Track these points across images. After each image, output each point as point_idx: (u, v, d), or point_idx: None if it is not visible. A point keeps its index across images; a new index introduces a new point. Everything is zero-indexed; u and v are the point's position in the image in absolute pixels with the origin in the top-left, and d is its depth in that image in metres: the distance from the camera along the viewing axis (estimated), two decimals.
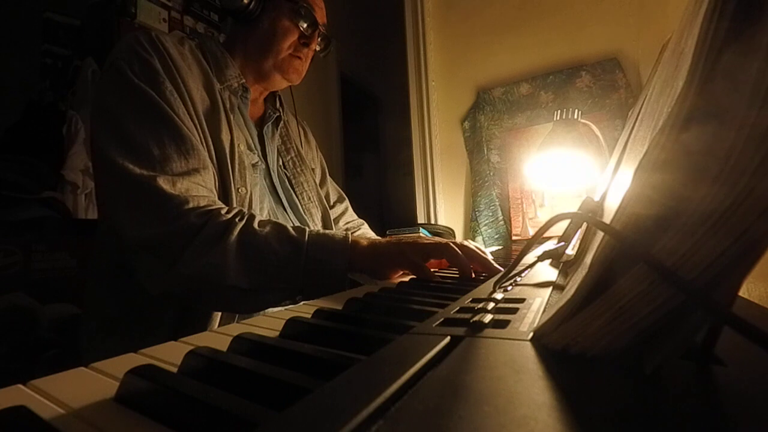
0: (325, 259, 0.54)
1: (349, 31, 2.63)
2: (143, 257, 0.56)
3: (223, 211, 0.56)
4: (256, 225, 0.56)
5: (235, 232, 0.54)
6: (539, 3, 1.54)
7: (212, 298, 0.56)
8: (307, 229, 0.57)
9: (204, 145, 0.62)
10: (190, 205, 0.55)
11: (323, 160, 1.01)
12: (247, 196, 0.67)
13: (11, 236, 1.11)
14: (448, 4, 1.74)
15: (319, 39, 0.79)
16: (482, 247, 0.65)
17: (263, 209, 0.72)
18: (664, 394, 0.14)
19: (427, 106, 1.75)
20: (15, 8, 1.57)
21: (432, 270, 0.54)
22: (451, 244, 0.55)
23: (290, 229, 0.56)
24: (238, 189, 0.65)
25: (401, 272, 0.58)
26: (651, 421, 0.12)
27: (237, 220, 0.55)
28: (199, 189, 0.58)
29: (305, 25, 0.74)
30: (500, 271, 0.50)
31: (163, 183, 0.54)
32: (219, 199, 0.62)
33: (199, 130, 0.62)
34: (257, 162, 0.74)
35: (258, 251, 0.54)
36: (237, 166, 0.66)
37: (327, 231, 0.58)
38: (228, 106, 0.70)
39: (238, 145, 0.68)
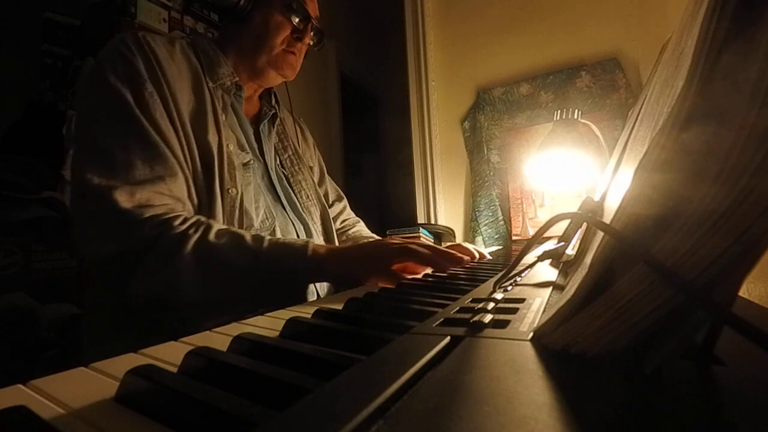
0: (284, 269, 0.52)
1: (349, 31, 2.63)
2: (103, 271, 0.55)
3: (177, 222, 0.54)
4: (212, 236, 0.54)
5: (189, 246, 0.52)
6: (539, 3, 1.54)
7: (170, 315, 0.54)
8: (267, 237, 0.55)
9: (184, 149, 0.61)
10: (146, 216, 0.53)
11: (321, 159, 1.01)
12: (238, 197, 0.65)
13: (11, 236, 1.11)
14: (448, 4, 1.74)
15: (312, 33, 0.77)
16: (482, 248, 0.64)
17: (259, 209, 0.71)
18: (664, 394, 0.14)
19: (427, 106, 1.75)
20: (15, 8, 1.57)
21: (410, 274, 0.52)
22: (412, 245, 0.53)
23: (247, 238, 0.54)
24: (228, 190, 0.64)
25: (366, 280, 0.57)
26: (651, 421, 0.12)
27: (191, 232, 0.53)
28: (162, 198, 0.56)
29: (297, 20, 0.73)
30: (465, 260, 0.50)
31: (120, 195, 0.53)
32: (203, 202, 0.61)
33: (182, 133, 0.61)
34: (249, 161, 0.72)
35: (214, 264, 0.52)
36: (226, 167, 0.65)
37: (287, 239, 0.56)
38: (220, 105, 0.69)
39: (227, 145, 0.66)
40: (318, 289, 0.69)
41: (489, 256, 0.69)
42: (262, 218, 0.70)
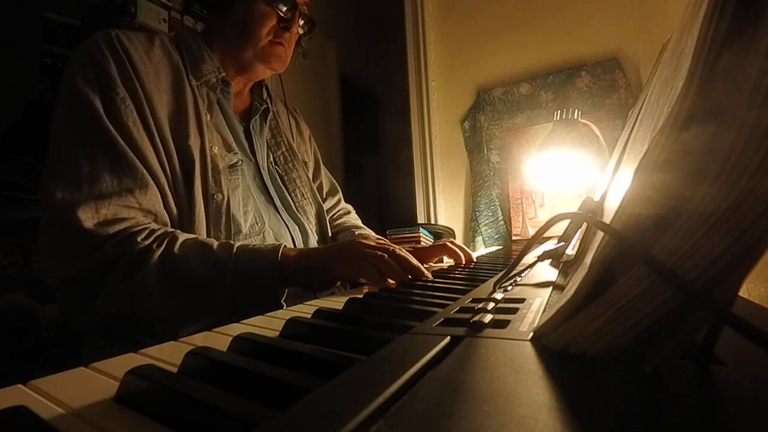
0: (253, 277, 0.50)
1: (349, 31, 2.63)
2: (66, 292, 0.53)
3: (140, 237, 0.52)
4: (176, 248, 0.51)
5: (153, 261, 0.50)
6: (539, 3, 1.54)
7: (139, 331, 0.53)
8: (237, 244, 0.53)
9: (161, 156, 0.58)
10: (110, 233, 0.51)
11: (317, 151, 0.98)
12: (224, 202, 0.62)
13: (11, 236, 1.11)
14: (448, 4, 1.74)
15: (301, 21, 0.73)
16: (482, 247, 0.64)
17: (248, 213, 0.68)
18: (664, 394, 0.14)
19: (427, 106, 1.75)
20: (15, 8, 1.57)
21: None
22: (383, 256, 0.50)
23: (215, 247, 0.52)
24: (213, 195, 0.61)
25: (339, 283, 0.54)
26: (651, 421, 0.12)
27: (155, 246, 0.51)
28: (130, 211, 0.54)
29: (284, 8, 0.69)
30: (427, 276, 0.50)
31: (84, 213, 0.50)
32: (184, 211, 0.59)
33: (159, 140, 0.58)
34: (237, 162, 0.69)
35: (180, 277, 0.50)
36: (210, 171, 0.62)
37: (257, 245, 0.54)
38: (205, 104, 0.65)
39: (211, 147, 0.63)
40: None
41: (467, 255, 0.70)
42: (251, 223, 0.67)
